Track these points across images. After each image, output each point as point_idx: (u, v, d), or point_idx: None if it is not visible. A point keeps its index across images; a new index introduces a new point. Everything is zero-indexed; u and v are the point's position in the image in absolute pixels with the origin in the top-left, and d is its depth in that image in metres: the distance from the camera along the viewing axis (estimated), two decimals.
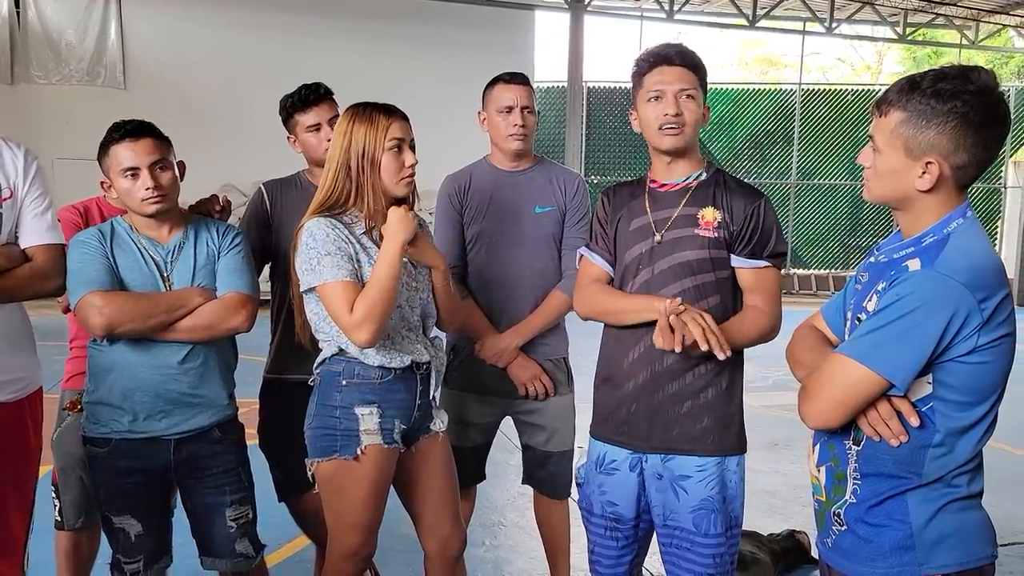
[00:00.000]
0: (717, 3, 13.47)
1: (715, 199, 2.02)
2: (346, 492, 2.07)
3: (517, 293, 2.58)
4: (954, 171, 1.43)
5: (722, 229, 2.00)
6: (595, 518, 2.15)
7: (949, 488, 1.46)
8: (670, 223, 2.02)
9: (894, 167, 1.46)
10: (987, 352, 1.39)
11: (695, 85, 1.99)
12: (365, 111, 2.07)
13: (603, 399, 2.14)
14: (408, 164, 2.08)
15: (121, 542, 2.17)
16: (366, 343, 2.00)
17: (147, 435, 2.12)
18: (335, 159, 2.07)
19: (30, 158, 2.08)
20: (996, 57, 17.48)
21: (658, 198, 2.07)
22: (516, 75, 2.61)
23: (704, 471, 2.00)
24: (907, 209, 1.49)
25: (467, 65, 10.50)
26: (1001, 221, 14.93)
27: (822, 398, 1.47)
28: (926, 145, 1.41)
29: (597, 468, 2.13)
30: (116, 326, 2.01)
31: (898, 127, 1.44)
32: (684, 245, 2.01)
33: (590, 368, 2.19)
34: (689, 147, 2.04)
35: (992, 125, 1.41)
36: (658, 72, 2.00)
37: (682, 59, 2.00)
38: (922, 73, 1.46)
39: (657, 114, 1.99)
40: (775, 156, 15.00)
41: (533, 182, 2.62)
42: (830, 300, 1.72)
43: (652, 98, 2.00)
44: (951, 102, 1.39)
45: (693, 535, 2.00)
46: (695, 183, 2.05)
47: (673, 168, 2.06)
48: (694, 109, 1.99)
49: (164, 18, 11.17)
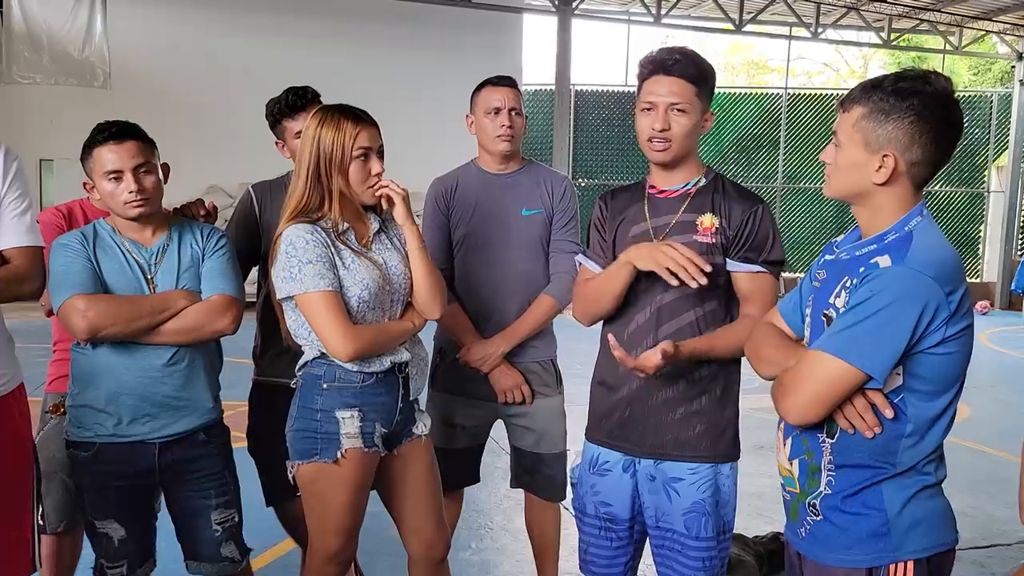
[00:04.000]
0: (704, 7, 13.53)
1: (714, 205, 2.01)
2: (326, 495, 2.07)
3: (505, 296, 2.58)
4: (908, 167, 1.49)
5: (719, 234, 1.99)
6: (588, 518, 2.16)
7: (921, 476, 1.53)
8: (669, 229, 2.02)
9: (854, 160, 1.52)
10: (953, 343, 1.46)
11: (690, 98, 1.94)
12: (332, 116, 2.05)
13: (598, 401, 2.14)
14: (375, 172, 2.07)
15: (104, 547, 2.15)
16: (347, 360, 2.01)
17: (132, 439, 2.10)
18: (304, 164, 2.05)
19: (10, 157, 2.03)
20: (979, 63, 17.65)
21: (657, 204, 2.06)
22: (504, 78, 2.62)
23: (697, 474, 2.01)
24: (864, 204, 1.55)
25: (455, 68, 10.50)
26: (984, 225, 15.06)
27: (802, 394, 1.50)
28: (884, 139, 1.48)
29: (590, 469, 2.14)
30: (99, 329, 2.00)
31: (859, 121, 1.51)
32: None
33: (577, 370, 2.19)
34: (683, 156, 2.02)
35: (945, 127, 1.48)
36: (654, 81, 1.97)
37: (680, 69, 1.94)
38: (885, 74, 1.53)
39: (647, 126, 1.98)
40: (761, 160, 15.07)
41: (520, 185, 2.62)
42: (785, 298, 1.77)
43: (644, 108, 1.99)
44: (909, 99, 1.46)
45: (684, 537, 2.01)
46: (694, 189, 2.04)
47: (671, 175, 2.05)
48: (684, 123, 1.95)
49: (149, 18, 11.10)
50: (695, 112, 1.97)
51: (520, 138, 2.61)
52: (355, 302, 2.03)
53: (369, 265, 2.06)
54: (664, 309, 2.01)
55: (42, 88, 10.81)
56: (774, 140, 14.85)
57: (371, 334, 2.04)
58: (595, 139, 14.14)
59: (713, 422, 2.03)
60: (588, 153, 14.10)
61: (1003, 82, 16.25)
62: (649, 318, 2.02)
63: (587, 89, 14.24)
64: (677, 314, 2.00)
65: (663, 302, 2.00)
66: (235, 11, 11.34)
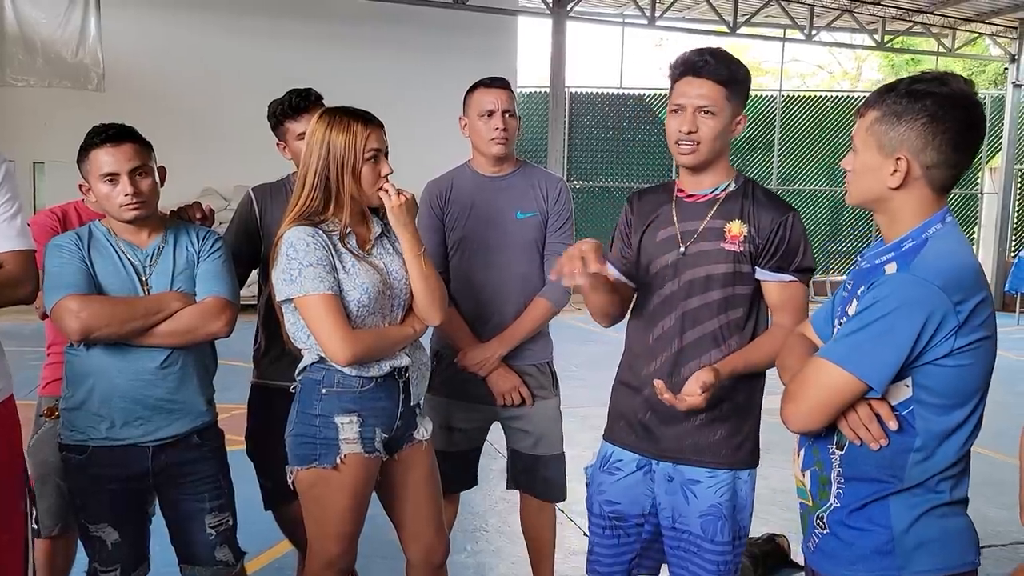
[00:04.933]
0: (698, 10, 13.54)
1: (743, 212, 1.98)
2: (326, 501, 2.06)
3: (501, 299, 2.58)
4: (924, 170, 1.46)
5: (747, 243, 1.97)
6: (595, 517, 2.16)
7: (932, 494, 1.47)
8: (696, 235, 2.00)
9: (868, 164, 1.49)
10: (965, 355, 1.40)
11: (719, 100, 1.92)
12: (342, 119, 2.04)
13: (619, 402, 2.14)
14: (384, 174, 2.07)
15: (98, 550, 2.14)
16: (346, 364, 2.00)
17: (125, 442, 2.09)
18: (312, 168, 2.04)
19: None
20: (973, 65, 17.70)
21: (685, 208, 2.03)
22: (497, 79, 2.61)
23: (715, 478, 2.01)
24: (883, 211, 1.52)
25: (450, 70, 10.48)
26: (978, 227, 15.12)
27: (802, 401, 1.48)
28: (896, 141, 1.45)
29: (601, 467, 2.14)
30: (93, 330, 1.99)
31: (872, 124, 1.48)
32: (710, 258, 1.98)
33: (573, 372, 2.19)
34: (711, 161, 1.99)
35: (963, 128, 1.44)
36: (684, 83, 1.94)
37: (710, 71, 1.92)
38: (902, 77, 1.51)
39: (675, 128, 1.95)
40: (756, 162, 15.09)
41: (515, 187, 2.62)
42: (819, 308, 1.73)
43: (673, 110, 1.97)
44: (922, 101, 1.43)
45: (700, 540, 2.00)
46: (723, 194, 2.01)
47: (700, 179, 2.02)
48: (713, 126, 1.93)
49: (143, 21, 11.06)
50: (724, 115, 1.94)
51: (514, 140, 2.60)
52: (355, 306, 2.02)
53: (369, 269, 2.06)
54: (688, 316, 2.00)
55: (36, 91, 10.77)
56: (768, 142, 14.87)
57: (370, 339, 2.03)
58: (590, 141, 14.14)
59: (734, 429, 2.02)
60: (583, 155, 14.10)
61: (996, 84, 16.30)
62: (673, 324, 2.01)
63: (582, 91, 14.24)
64: (701, 321, 1.99)
65: (687, 308, 2.00)
66: (229, 14, 11.31)
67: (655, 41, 21.06)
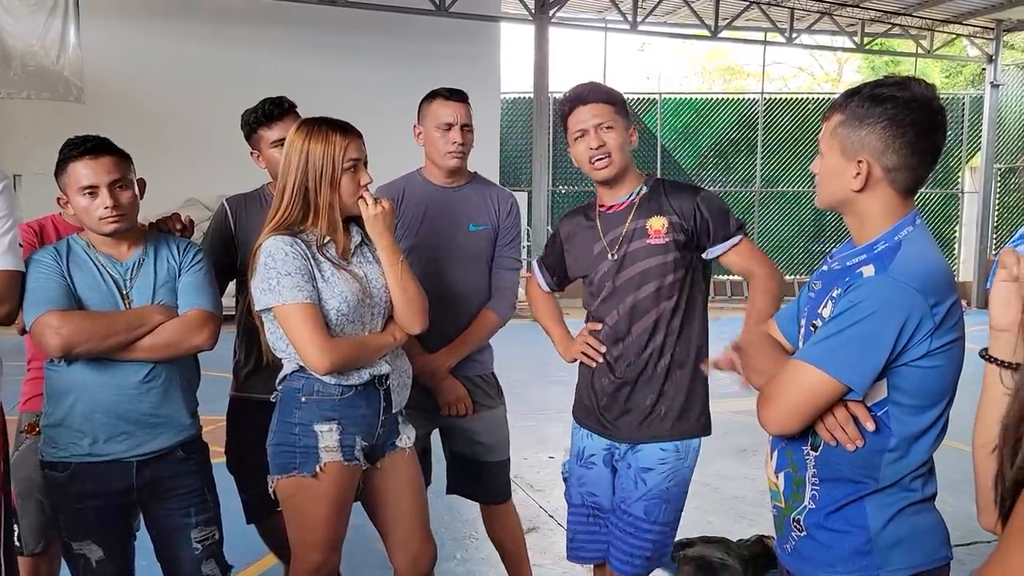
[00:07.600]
0: (680, 14, 13.62)
1: (660, 208, 2.20)
2: (307, 509, 2.05)
3: (452, 310, 2.57)
4: (886, 172, 1.47)
5: (673, 232, 2.17)
6: (576, 507, 2.37)
7: (906, 492, 1.49)
8: (621, 240, 2.22)
9: (833, 167, 1.52)
10: (939, 356, 1.42)
11: (612, 116, 2.18)
12: (320, 130, 2.04)
13: (581, 389, 2.36)
14: (363, 183, 2.07)
15: (82, 568, 2.11)
16: (324, 373, 2.00)
17: (108, 458, 2.07)
18: (291, 178, 2.03)
19: None
20: (951, 66, 17.91)
21: (608, 220, 2.27)
22: (456, 92, 2.61)
23: (665, 464, 2.21)
24: (851, 213, 1.53)
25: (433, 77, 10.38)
26: (959, 225, 15.27)
27: (781, 403, 1.48)
28: (858, 144, 1.47)
29: (578, 462, 2.35)
30: (74, 346, 1.96)
31: (836, 128, 1.50)
32: (638, 256, 2.20)
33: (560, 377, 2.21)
34: (624, 170, 2.22)
35: (922, 131, 1.45)
36: (578, 112, 2.20)
37: (596, 95, 2.20)
38: (867, 81, 1.53)
39: (584, 150, 2.19)
40: (739, 164, 15.19)
41: (468, 200, 2.63)
42: (783, 308, 1.76)
43: (577, 137, 2.20)
44: (882, 105, 1.45)
45: (641, 522, 2.21)
46: (638, 198, 2.23)
47: (615, 191, 2.26)
48: (615, 137, 2.18)
49: (122, 32, 11.01)
50: (620, 127, 2.19)
51: (469, 153, 2.61)
52: (334, 315, 2.02)
53: (349, 278, 2.06)
54: (634, 310, 2.21)
55: (14, 102, 10.68)
56: (751, 144, 14.98)
57: (349, 347, 2.02)
58: None
59: (681, 404, 2.22)
60: (567, 161, 13.89)
61: (974, 84, 16.48)
62: (619, 319, 2.23)
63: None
64: (644, 313, 2.20)
65: (630, 304, 2.21)
66: (209, 23, 11.27)
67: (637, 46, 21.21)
